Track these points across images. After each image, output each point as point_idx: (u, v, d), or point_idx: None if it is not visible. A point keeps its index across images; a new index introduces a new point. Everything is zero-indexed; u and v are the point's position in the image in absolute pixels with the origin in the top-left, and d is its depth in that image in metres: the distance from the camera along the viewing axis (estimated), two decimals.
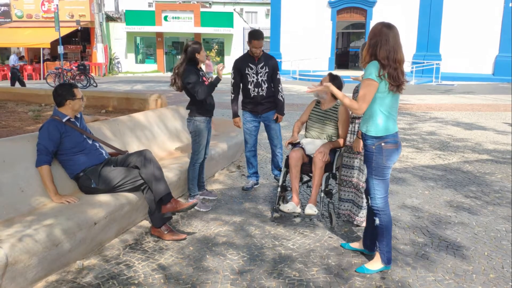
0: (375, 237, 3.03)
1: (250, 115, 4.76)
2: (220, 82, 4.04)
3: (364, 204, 3.64)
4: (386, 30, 2.76)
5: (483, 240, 3.52)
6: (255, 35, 4.46)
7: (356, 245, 3.31)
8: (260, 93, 4.61)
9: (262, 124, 4.86)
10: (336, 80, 3.91)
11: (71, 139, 3.41)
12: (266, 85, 4.62)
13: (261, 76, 4.58)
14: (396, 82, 2.73)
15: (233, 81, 4.71)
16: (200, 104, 4.11)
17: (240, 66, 4.61)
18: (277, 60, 4.85)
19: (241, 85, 4.70)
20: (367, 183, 2.98)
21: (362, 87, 2.76)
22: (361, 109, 2.75)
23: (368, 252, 3.20)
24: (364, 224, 3.56)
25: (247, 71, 4.57)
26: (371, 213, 3.00)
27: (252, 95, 4.63)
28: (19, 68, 18.09)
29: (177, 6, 30.96)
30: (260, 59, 4.60)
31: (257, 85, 4.56)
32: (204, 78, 4.15)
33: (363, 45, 3.15)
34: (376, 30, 2.78)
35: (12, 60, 17.55)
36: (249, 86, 4.59)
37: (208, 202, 4.35)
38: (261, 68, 4.59)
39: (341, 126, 3.93)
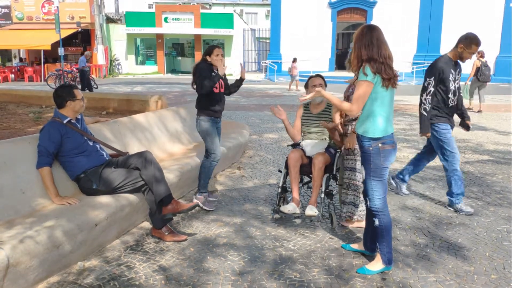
0: (375, 238, 3.03)
1: (449, 127, 4.17)
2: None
3: (360, 202, 3.65)
4: (368, 32, 2.82)
5: (484, 240, 3.52)
6: (478, 41, 3.94)
7: (357, 246, 3.31)
8: (455, 103, 4.15)
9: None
10: (319, 77, 3.98)
11: (72, 141, 3.41)
12: (458, 94, 4.16)
13: (457, 84, 4.13)
14: (387, 75, 2.76)
15: (431, 89, 4.03)
16: (204, 104, 4.14)
17: (445, 70, 4.00)
18: (277, 61, 4.79)
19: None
20: (364, 185, 2.98)
21: (357, 89, 2.79)
22: (353, 110, 2.79)
23: (368, 253, 3.20)
24: (363, 224, 3.56)
25: (450, 78, 4.01)
26: (370, 214, 3.00)
27: (450, 104, 4.09)
28: (88, 70, 17.24)
29: (177, 7, 31.01)
30: (458, 64, 4.12)
31: (454, 93, 4.07)
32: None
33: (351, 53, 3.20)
34: (359, 34, 2.85)
35: (82, 62, 16.83)
36: (450, 95, 4.03)
37: (210, 202, 4.36)
38: (458, 74, 4.13)
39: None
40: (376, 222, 2.94)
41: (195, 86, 4.14)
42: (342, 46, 29.45)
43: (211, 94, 4.11)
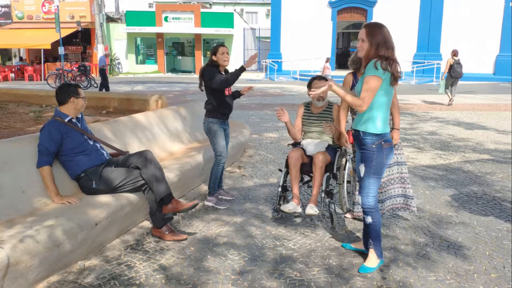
0: (369, 235, 3.03)
1: None
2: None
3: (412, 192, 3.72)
4: (383, 29, 2.84)
5: (484, 239, 3.52)
6: None
7: (357, 245, 3.31)
8: None
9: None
10: (323, 80, 3.96)
11: (72, 140, 3.41)
12: None
13: None
14: (397, 74, 2.80)
15: None
16: (214, 107, 4.16)
17: None
18: (277, 60, 4.74)
19: None
20: (361, 182, 2.97)
21: (366, 83, 2.77)
22: (365, 105, 2.77)
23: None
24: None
25: None
26: (363, 212, 3.01)
27: None
28: (106, 70, 16.79)
29: (177, 6, 30.98)
30: None
31: None
32: None
33: (356, 53, 3.23)
34: (374, 31, 2.84)
35: (103, 61, 16.69)
36: None
37: (224, 201, 4.37)
38: None
39: (337, 121, 3.90)
40: (369, 219, 2.95)
41: (203, 88, 4.19)
42: (342, 46, 29.45)
43: (221, 97, 4.14)
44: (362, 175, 2.95)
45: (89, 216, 3.07)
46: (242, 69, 4.02)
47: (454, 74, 11.77)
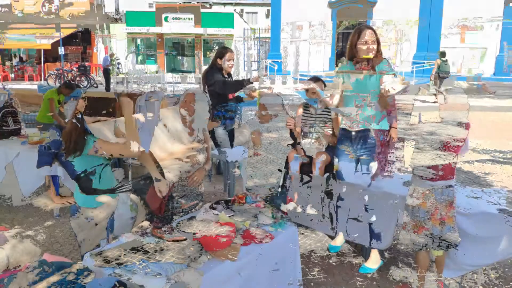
0: (372, 235, 3.03)
1: None
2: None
3: None
4: None
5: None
6: None
7: (339, 240, 3.31)
8: None
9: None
10: (319, 81, 3.97)
11: None
12: None
13: None
14: None
15: None
16: (218, 110, 4.15)
17: None
18: (277, 60, 4.74)
19: None
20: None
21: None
22: None
23: None
24: None
25: None
26: None
27: None
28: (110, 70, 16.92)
29: (177, 6, 30.98)
30: None
31: None
32: None
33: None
34: (376, 34, 2.85)
35: (107, 60, 16.75)
36: None
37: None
38: None
39: (336, 122, 3.91)
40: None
41: (206, 91, 4.18)
42: (342, 45, 29.44)
43: (225, 100, 4.13)
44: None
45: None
46: (248, 82, 4.02)
47: (442, 74, 12.48)
